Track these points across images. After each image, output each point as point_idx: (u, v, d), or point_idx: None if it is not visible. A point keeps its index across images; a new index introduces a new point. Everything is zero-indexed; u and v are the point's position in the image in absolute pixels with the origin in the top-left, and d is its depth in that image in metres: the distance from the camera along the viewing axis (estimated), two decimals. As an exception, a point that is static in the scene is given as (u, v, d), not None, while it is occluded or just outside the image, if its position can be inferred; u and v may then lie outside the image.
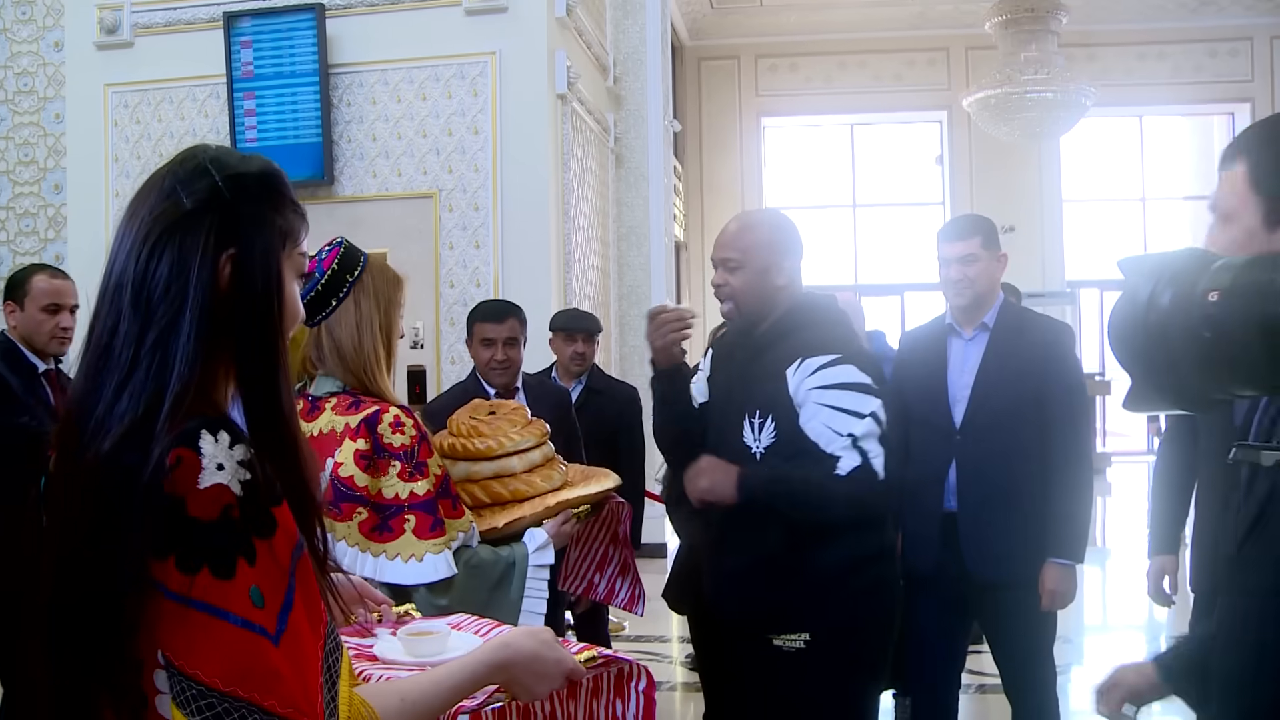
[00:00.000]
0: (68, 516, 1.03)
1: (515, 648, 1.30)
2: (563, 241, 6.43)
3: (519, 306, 3.86)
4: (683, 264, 11.46)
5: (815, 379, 2.40)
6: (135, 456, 1.00)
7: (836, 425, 2.37)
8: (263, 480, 1.03)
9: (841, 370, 2.41)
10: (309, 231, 1.20)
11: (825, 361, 2.41)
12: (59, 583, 1.02)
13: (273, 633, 0.99)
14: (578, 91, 6.64)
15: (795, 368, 2.42)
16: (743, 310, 2.53)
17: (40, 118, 7.03)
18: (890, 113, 12.84)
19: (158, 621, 0.98)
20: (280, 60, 6.15)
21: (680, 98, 11.44)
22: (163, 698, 1.01)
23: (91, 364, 1.07)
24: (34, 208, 7.05)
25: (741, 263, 2.50)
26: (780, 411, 2.43)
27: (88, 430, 1.04)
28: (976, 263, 3.06)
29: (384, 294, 2.19)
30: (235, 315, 1.09)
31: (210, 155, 1.14)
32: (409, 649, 1.57)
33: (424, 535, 2.02)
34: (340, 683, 1.08)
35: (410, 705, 1.18)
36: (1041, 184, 11.93)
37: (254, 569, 0.99)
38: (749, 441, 2.45)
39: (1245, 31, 12.04)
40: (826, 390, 2.39)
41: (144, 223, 1.09)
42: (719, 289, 2.55)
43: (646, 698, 1.57)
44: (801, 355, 2.42)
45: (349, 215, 6.07)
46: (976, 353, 3.10)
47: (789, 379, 2.42)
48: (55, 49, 6.95)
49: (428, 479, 2.05)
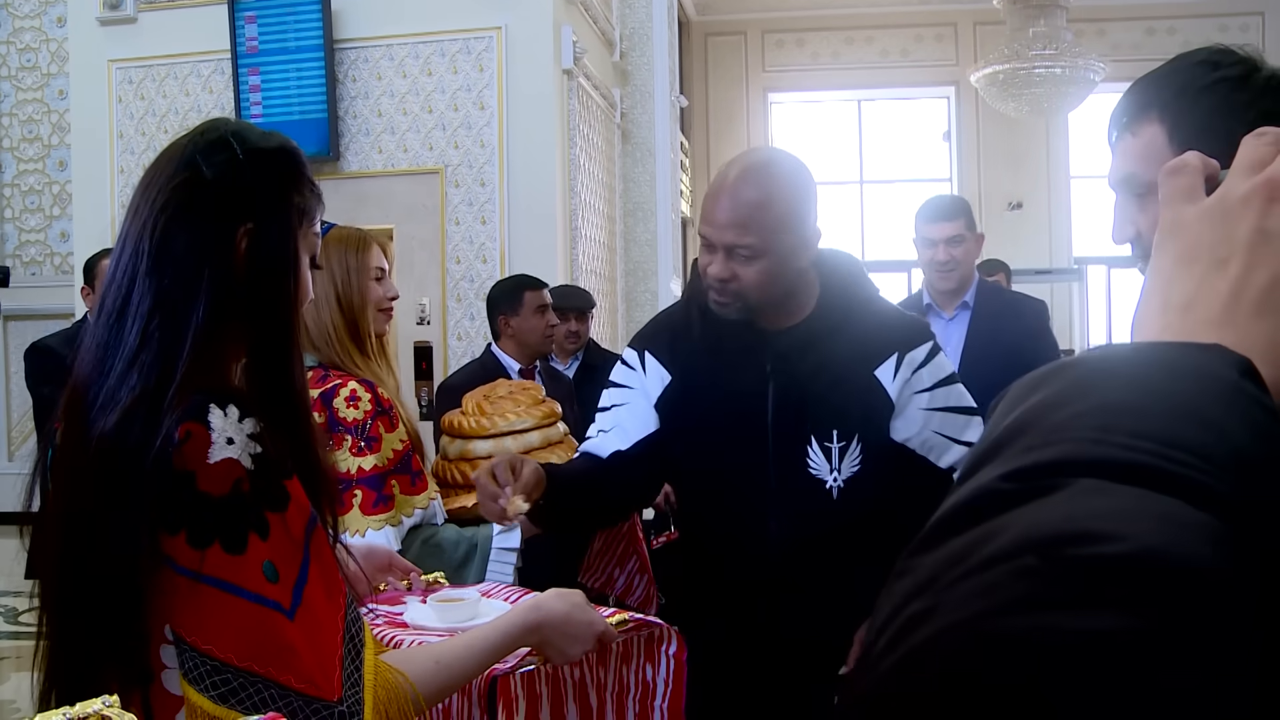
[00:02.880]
0: (75, 491, 1.03)
1: (547, 609, 1.30)
2: (569, 217, 6.41)
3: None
4: (689, 239, 11.43)
5: (920, 378, 1.86)
6: (143, 431, 0.99)
7: (951, 430, 1.87)
8: (274, 454, 1.02)
9: (941, 361, 1.90)
10: (324, 211, 1.20)
11: (927, 354, 1.88)
12: (65, 555, 1.02)
13: (288, 607, 0.99)
14: (584, 67, 6.60)
15: (892, 367, 1.85)
16: (755, 308, 1.86)
17: (44, 94, 7.01)
18: (897, 88, 12.76)
19: (167, 597, 0.98)
20: (285, 35, 6.11)
21: (687, 73, 11.37)
22: (170, 672, 1.01)
23: (101, 335, 1.07)
24: (39, 184, 7.04)
25: (761, 250, 1.78)
26: (871, 428, 1.83)
27: (96, 403, 1.03)
28: (963, 244, 3.08)
29: (340, 263, 2.13)
30: (249, 289, 1.09)
31: (231, 128, 1.14)
32: (440, 615, 1.57)
33: (367, 511, 2.01)
34: (365, 650, 1.08)
35: (445, 668, 1.17)
36: (1049, 160, 11.85)
37: (266, 543, 0.99)
38: (821, 475, 1.81)
39: (1256, 5, 11.93)
40: (935, 391, 1.87)
41: (162, 191, 1.09)
42: (721, 285, 1.80)
43: (677, 661, 1.56)
44: (896, 350, 1.86)
45: (354, 191, 6.05)
46: (959, 332, 3.11)
47: (885, 384, 1.84)
48: (58, 25, 6.92)
49: (378, 454, 2.03)
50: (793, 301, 1.88)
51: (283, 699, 0.97)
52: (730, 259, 1.78)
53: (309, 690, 0.98)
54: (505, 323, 3.86)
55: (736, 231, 1.77)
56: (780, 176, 1.83)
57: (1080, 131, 12.55)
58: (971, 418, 1.89)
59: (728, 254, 1.78)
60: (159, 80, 6.49)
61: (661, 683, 1.56)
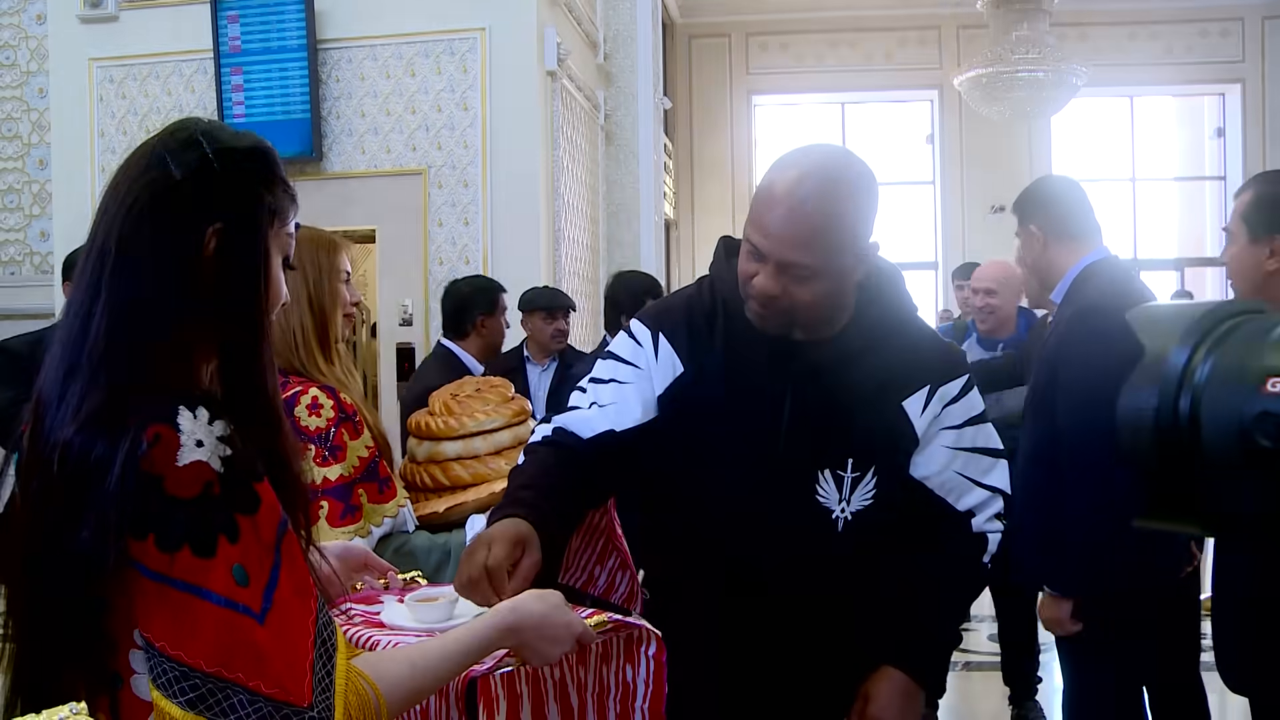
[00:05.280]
0: (41, 495, 1.01)
1: (524, 611, 1.29)
2: (552, 219, 6.40)
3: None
4: (672, 242, 11.43)
5: (949, 415, 1.70)
6: (109, 434, 0.98)
7: (975, 472, 1.72)
8: (244, 456, 1.01)
9: (973, 399, 1.73)
10: (298, 213, 1.19)
11: (960, 389, 1.71)
12: (31, 559, 1.01)
13: (257, 611, 0.98)
14: (568, 68, 6.60)
15: (922, 400, 1.68)
16: (804, 327, 1.65)
17: (23, 92, 6.96)
18: (881, 91, 12.79)
19: (135, 601, 0.97)
20: (268, 35, 6.08)
21: (671, 75, 11.38)
22: (139, 678, 0.99)
23: (66, 335, 1.05)
24: (18, 183, 6.99)
25: (819, 271, 1.58)
26: (890, 462, 1.68)
27: (61, 405, 1.02)
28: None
29: (312, 263, 2.03)
30: (218, 289, 1.08)
31: (202, 128, 1.12)
32: (416, 615, 1.56)
33: (335, 523, 1.95)
34: (337, 655, 1.07)
35: (420, 672, 1.16)
36: (1032, 163, 11.88)
37: (236, 546, 0.98)
38: (829, 504, 1.66)
39: (1236, 12, 12.01)
40: (963, 430, 1.71)
41: (130, 190, 1.07)
42: (767, 300, 1.60)
43: (656, 663, 1.55)
44: (929, 382, 1.69)
45: (338, 192, 6.03)
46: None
47: (913, 416, 1.68)
48: (38, 22, 6.87)
49: (343, 463, 1.97)
50: (839, 317, 1.69)
51: (251, 704, 0.95)
52: (782, 275, 1.57)
53: (279, 695, 0.97)
54: (481, 323, 3.85)
55: (795, 249, 1.56)
56: (851, 191, 1.61)
57: (1062, 135, 12.61)
58: (997, 460, 1.74)
59: (779, 269, 1.57)
60: (141, 79, 6.45)
61: (642, 684, 1.56)
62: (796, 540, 1.68)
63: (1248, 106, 12.03)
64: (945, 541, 1.73)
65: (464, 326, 3.85)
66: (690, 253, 11.85)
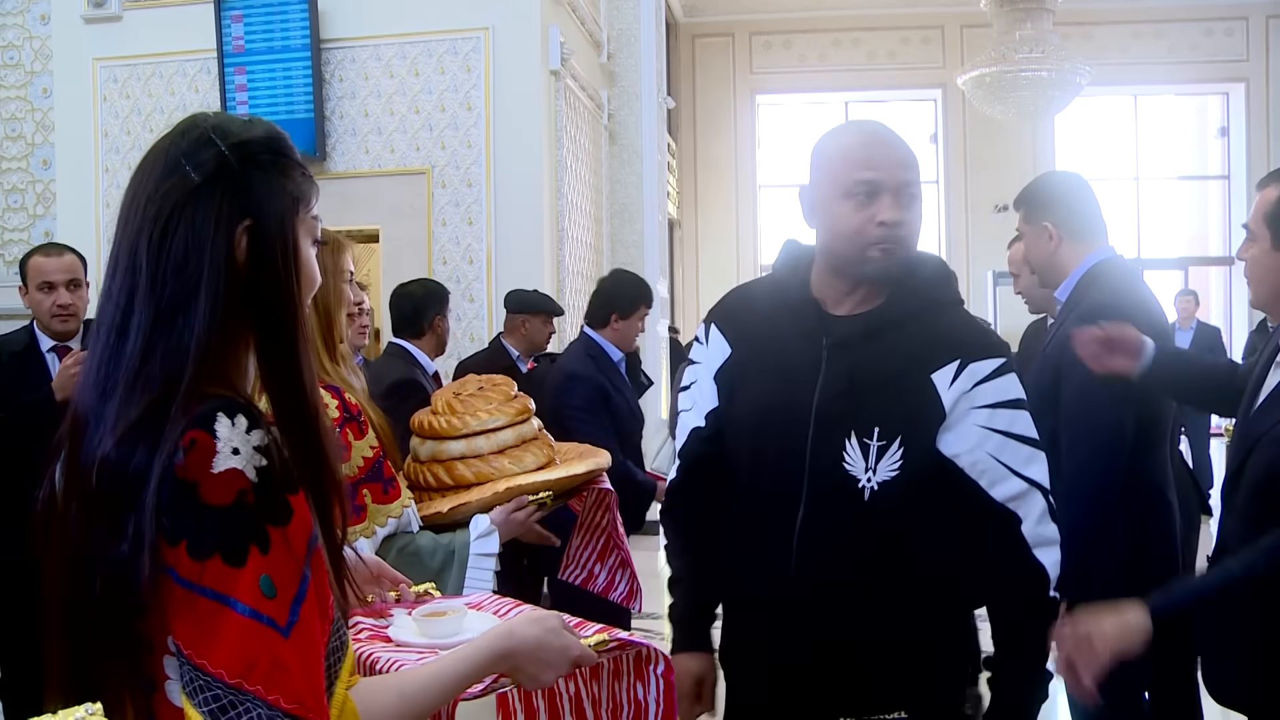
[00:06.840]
0: (82, 512, 1.01)
1: (519, 636, 1.27)
2: (556, 218, 6.40)
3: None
4: (676, 241, 11.43)
5: (981, 393, 1.69)
6: (149, 443, 0.97)
7: (1011, 459, 1.69)
8: (279, 466, 1.00)
9: (1009, 382, 1.72)
10: (319, 195, 1.18)
11: (994, 370, 1.71)
12: (73, 570, 1.00)
13: (283, 625, 0.97)
14: (571, 68, 6.60)
15: (951, 374, 1.69)
16: (904, 264, 1.74)
17: (27, 92, 6.96)
18: (884, 91, 12.79)
19: (168, 608, 0.97)
20: (272, 35, 6.09)
21: (674, 75, 11.38)
22: (172, 684, 0.99)
23: (102, 352, 1.04)
24: (22, 183, 6.99)
25: (919, 192, 1.74)
26: (916, 432, 1.67)
27: (100, 424, 1.01)
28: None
29: (319, 263, 2.08)
30: (255, 288, 1.06)
31: (211, 124, 1.10)
32: (423, 630, 1.55)
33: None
34: (337, 684, 1.06)
35: (409, 700, 1.15)
36: (1036, 163, 11.86)
37: (266, 558, 0.97)
38: (855, 472, 1.67)
39: (1241, 10, 12.00)
40: (997, 410, 1.70)
41: (151, 201, 1.05)
42: (893, 231, 1.69)
43: (665, 682, 1.54)
44: (960, 356, 1.70)
45: (342, 192, 6.03)
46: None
47: (940, 389, 1.68)
48: (42, 22, 6.87)
49: (347, 464, 1.95)
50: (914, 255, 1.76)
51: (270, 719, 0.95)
52: (901, 198, 1.68)
53: (298, 711, 0.96)
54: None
55: (907, 169, 1.70)
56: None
57: (1066, 134, 12.60)
58: (1037, 451, 1.72)
59: (897, 194, 1.68)
60: (144, 79, 6.45)
61: (653, 702, 1.55)
62: (824, 508, 1.69)
63: (1252, 105, 12.02)
64: (979, 531, 1.71)
65: (421, 326, 3.95)
66: (694, 251, 11.84)
